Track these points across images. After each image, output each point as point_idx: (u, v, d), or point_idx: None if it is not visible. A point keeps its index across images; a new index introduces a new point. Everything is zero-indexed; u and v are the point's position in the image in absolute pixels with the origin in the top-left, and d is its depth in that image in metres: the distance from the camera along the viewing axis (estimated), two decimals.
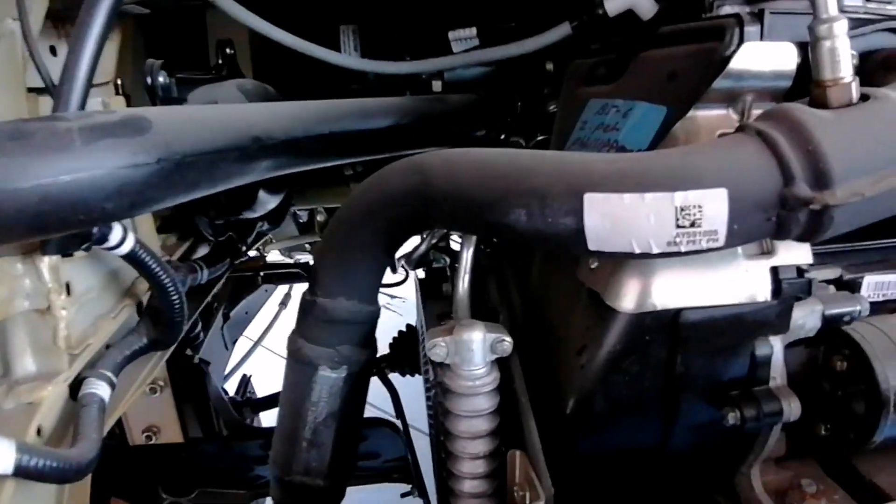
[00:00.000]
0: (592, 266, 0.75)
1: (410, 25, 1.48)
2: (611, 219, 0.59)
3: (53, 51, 0.88)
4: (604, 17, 0.96)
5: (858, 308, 0.78)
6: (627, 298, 0.71)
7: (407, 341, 1.51)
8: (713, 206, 0.57)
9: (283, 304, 2.25)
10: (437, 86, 1.31)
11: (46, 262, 0.72)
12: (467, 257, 0.84)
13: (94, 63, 0.63)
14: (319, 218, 1.94)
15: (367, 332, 0.85)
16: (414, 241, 0.98)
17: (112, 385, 0.80)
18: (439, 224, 0.74)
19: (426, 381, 1.15)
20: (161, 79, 0.91)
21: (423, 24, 1.47)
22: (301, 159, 0.85)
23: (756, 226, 0.60)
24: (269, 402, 1.74)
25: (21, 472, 0.55)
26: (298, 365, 0.84)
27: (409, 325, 1.55)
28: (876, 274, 0.87)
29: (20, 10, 0.69)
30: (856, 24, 0.78)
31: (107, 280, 0.87)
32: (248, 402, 1.69)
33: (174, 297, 0.81)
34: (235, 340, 1.93)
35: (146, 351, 0.88)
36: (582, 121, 0.92)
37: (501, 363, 0.80)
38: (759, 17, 0.74)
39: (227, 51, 1.19)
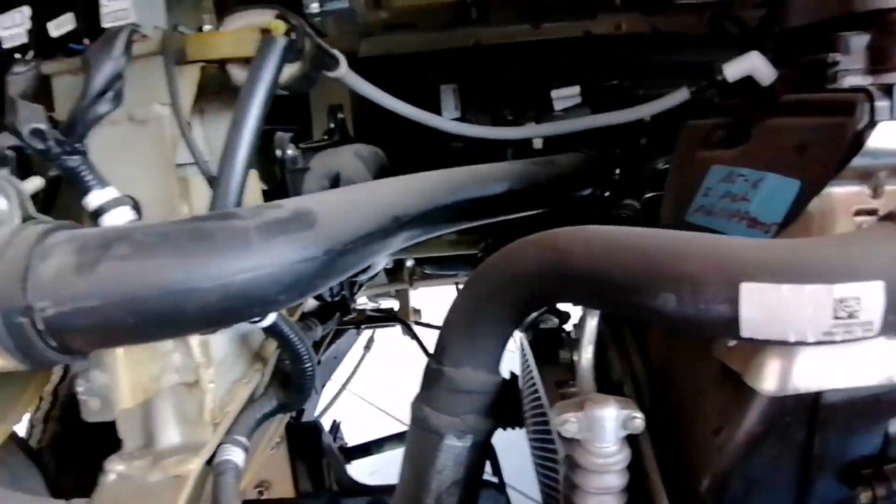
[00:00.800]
0: (731, 344, 0.74)
1: (511, 82, 1.51)
2: (768, 309, 0.58)
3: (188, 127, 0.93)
4: (723, 82, 0.96)
5: None
6: (769, 380, 0.69)
7: (508, 392, 1.49)
8: (870, 298, 0.57)
9: (367, 348, 2.28)
10: (537, 142, 1.33)
11: (197, 338, 0.75)
12: (591, 329, 0.84)
13: (252, 153, 0.67)
14: (409, 263, 1.97)
15: (492, 402, 0.85)
16: None
17: (245, 450, 0.83)
18: (574, 301, 0.75)
19: (533, 441, 1.15)
20: (290, 151, 0.96)
21: (523, 80, 1.50)
22: (429, 229, 0.88)
23: None
24: (362, 450, 1.75)
25: None
26: (423, 433, 0.84)
27: (512, 374, 1.53)
28: None
29: (172, 95, 0.74)
30: None
31: (239, 346, 0.90)
32: (342, 450, 1.71)
33: (308, 366, 0.84)
34: (325, 384, 1.97)
35: (274, 414, 0.92)
36: (705, 187, 0.91)
37: (631, 439, 0.79)
38: (887, 91, 0.73)
39: (339, 115, 1.24)
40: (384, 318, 2.01)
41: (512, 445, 1.45)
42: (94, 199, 0.66)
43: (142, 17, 0.71)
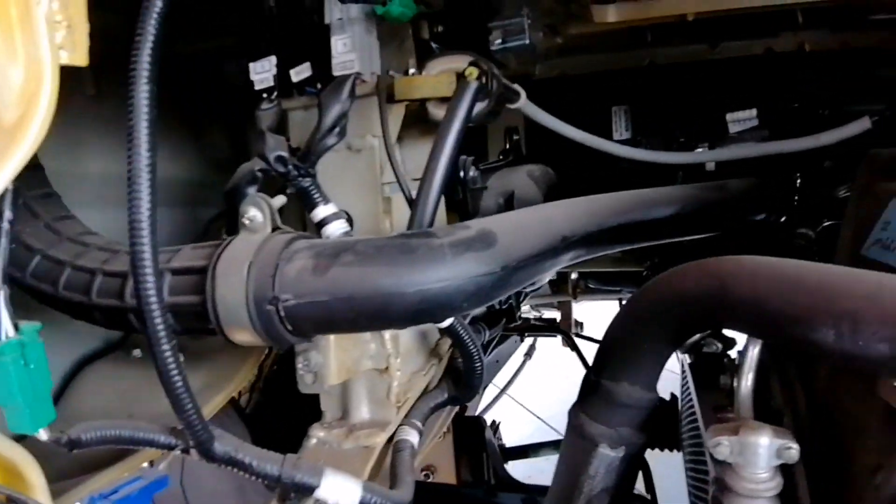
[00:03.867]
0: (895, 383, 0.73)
1: (683, 103, 1.51)
2: None
3: None
4: None
5: None
6: None
7: (666, 414, 1.50)
8: None
9: (528, 355, 2.36)
10: (710, 165, 1.33)
11: (389, 332, 0.88)
12: (753, 356, 0.85)
13: (446, 180, 0.78)
14: (573, 276, 2.03)
15: (646, 418, 0.90)
16: None
17: (420, 433, 0.95)
18: (733, 328, 0.78)
19: (688, 462, 1.16)
20: (471, 173, 1.08)
21: (696, 101, 1.50)
22: (595, 249, 0.95)
23: None
24: (519, 452, 1.84)
25: None
26: (579, 439, 0.91)
27: (673, 396, 1.54)
28: None
29: (383, 129, 0.88)
30: None
31: (419, 341, 1.03)
32: (500, 449, 1.81)
33: (478, 365, 0.94)
34: (486, 386, 2.08)
35: (446, 405, 1.03)
36: (884, 220, 0.89)
37: (785, 469, 0.80)
38: None
39: (514, 137, 1.33)
40: (546, 327, 2.08)
41: (670, 469, 1.46)
42: (319, 213, 0.82)
43: (363, 66, 0.86)
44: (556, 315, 2.30)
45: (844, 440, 0.82)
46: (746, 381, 0.86)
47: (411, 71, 0.92)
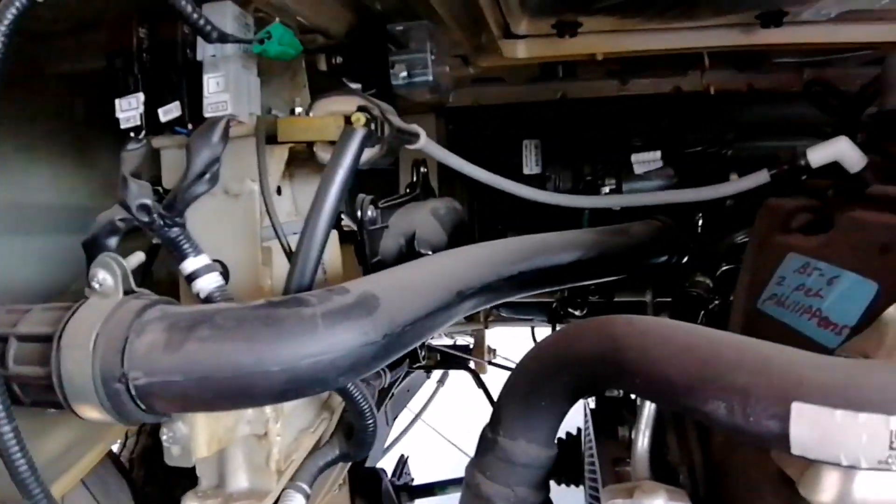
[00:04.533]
0: None
1: (592, 139, 1.52)
2: (820, 431, 0.57)
3: (279, 191, 1.00)
4: (806, 167, 0.94)
5: None
6: (825, 493, 0.66)
7: (569, 449, 1.49)
8: None
9: (441, 382, 2.32)
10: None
11: None
12: (649, 413, 0.84)
13: (328, 233, 0.73)
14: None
15: (544, 476, 0.86)
16: None
17: (307, 496, 0.88)
18: (629, 391, 0.75)
19: (590, 499, 1.14)
20: (370, 213, 1.02)
21: (604, 137, 1.51)
22: (494, 298, 0.91)
23: None
24: (426, 490, 1.79)
25: None
26: (476, 498, 0.87)
27: (579, 430, 1.53)
28: None
29: (261, 174, 0.81)
30: None
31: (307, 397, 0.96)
32: (406, 488, 1.76)
33: (370, 422, 0.88)
34: (396, 416, 2.02)
35: (336, 462, 0.96)
36: (780, 276, 0.89)
37: None
38: None
39: (421, 169, 1.29)
40: (456, 362, 2.04)
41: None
42: (189, 265, 0.74)
43: (238, 108, 0.79)
44: (469, 341, 2.27)
45: (739, 501, 0.81)
46: (643, 440, 0.84)
47: (298, 110, 0.86)
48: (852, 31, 1.28)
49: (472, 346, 2.20)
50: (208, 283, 0.74)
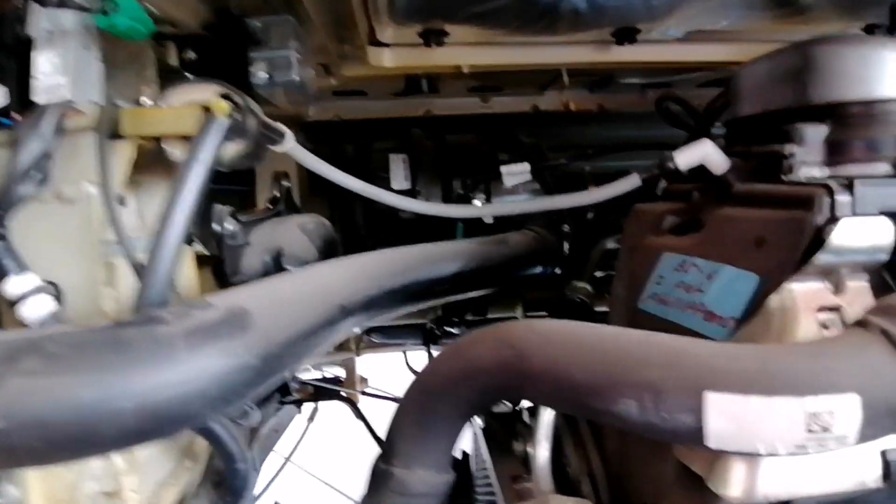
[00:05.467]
0: None
1: (461, 153, 1.51)
2: (735, 421, 0.56)
3: (122, 200, 0.87)
4: (675, 171, 0.96)
5: None
6: (734, 486, 0.66)
7: (459, 471, 1.43)
8: (845, 411, 0.55)
9: (311, 419, 2.17)
10: (489, 217, 1.31)
11: None
12: (547, 422, 0.80)
13: (183, 240, 0.62)
14: (356, 332, 1.91)
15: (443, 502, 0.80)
16: None
17: None
18: (532, 400, 0.71)
19: None
20: (229, 226, 0.91)
21: (472, 154, 1.50)
22: (377, 313, 0.84)
23: (887, 428, 0.57)
24: None
25: None
26: None
27: (464, 454, 1.48)
28: None
29: (103, 174, 0.68)
30: None
31: (167, 443, 0.82)
32: None
33: (241, 466, 0.77)
34: (264, 460, 1.85)
35: None
36: (658, 275, 0.90)
37: None
38: (848, 186, 0.73)
39: (284, 183, 1.19)
40: (329, 393, 1.92)
41: None
42: (12, 287, 0.59)
43: (77, 93, 0.65)
44: (340, 372, 2.15)
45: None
46: (542, 451, 0.81)
47: (146, 101, 0.74)
48: (696, 51, 1.37)
49: (343, 378, 2.09)
50: (38, 308, 0.61)
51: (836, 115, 0.79)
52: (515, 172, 1.30)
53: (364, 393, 2.00)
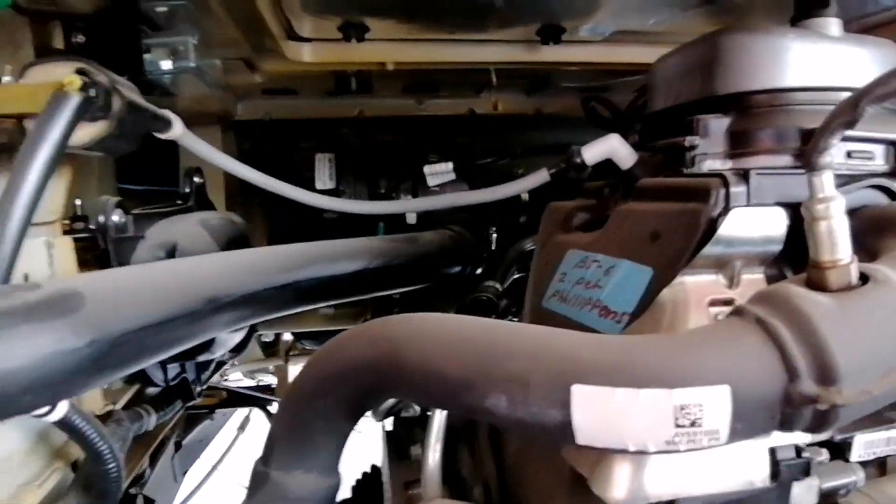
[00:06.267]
0: None
1: (388, 153, 1.48)
2: (602, 415, 0.52)
3: None
4: (582, 165, 0.95)
5: (854, 479, 0.72)
6: (617, 488, 0.63)
7: (369, 485, 1.39)
8: (715, 404, 0.52)
9: (242, 428, 2.10)
10: (411, 217, 1.28)
11: None
12: (439, 425, 0.77)
13: (28, 224, 0.57)
14: (286, 336, 1.85)
15: None
16: None
17: None
18: (411, 398, 0.67)
19: None
20: (115, 217, 0.86)
21: (401, 152, 1.47)
22: (263, 311, 0.79)
23: (760, 424, 0.54)
24: None
25: None
26: None
27: (373, 467, 1.44)
28: (866, 433, 0.82)
29: None
30: (838, 181, 0.76)
31: (33, 441, 0.77)
32: None
33: (111, 466, 0.72)
34: (186, 471, 1.78)
35: None
36: (561, 272, 0.88)
37: None
38: (744, 177, 0.71)
39: (196, 179, 1.14)
40: (245, 400, 1.85)
41: None
42: None
43: None
44: (272, 380, 2.09)
45: None
46: (433, 455, 0.77)
47: (6, 79, 0.69)
48: (627, 53, 1.36)
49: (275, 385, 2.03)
50: None
51: (740, 105, 0.78)
52: (438, 172, 1.27)
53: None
